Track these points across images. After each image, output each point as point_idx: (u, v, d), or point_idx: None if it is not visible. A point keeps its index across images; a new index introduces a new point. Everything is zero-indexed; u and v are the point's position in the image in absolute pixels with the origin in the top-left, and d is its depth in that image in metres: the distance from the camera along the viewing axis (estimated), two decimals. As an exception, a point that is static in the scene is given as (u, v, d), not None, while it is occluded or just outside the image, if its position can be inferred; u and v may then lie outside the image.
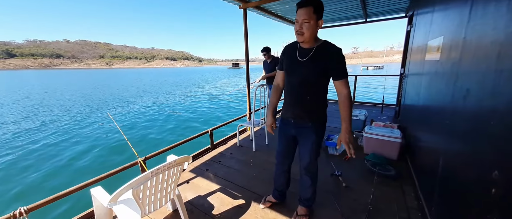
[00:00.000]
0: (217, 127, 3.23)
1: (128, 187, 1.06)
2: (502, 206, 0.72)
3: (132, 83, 27.90)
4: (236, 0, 3.36)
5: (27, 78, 42.23)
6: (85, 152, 5.31)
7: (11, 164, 4.71)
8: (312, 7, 1.18)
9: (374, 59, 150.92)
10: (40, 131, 7.10)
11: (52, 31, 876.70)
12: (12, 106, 11.61)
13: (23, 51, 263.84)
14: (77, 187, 1.60)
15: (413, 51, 3.01)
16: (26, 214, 1.40)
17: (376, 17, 5.17)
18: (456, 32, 1.31)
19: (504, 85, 0.77)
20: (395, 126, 3.05)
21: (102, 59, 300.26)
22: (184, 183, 2.17)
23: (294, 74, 1.39)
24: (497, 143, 0.77)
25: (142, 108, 10.72)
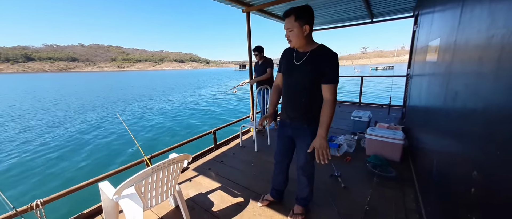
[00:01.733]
0: (221, 127, 3.32)
1: (131, 181, 1.15)
2: (480, 206, 0.75)
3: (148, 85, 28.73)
4: (239, 4, 3.45)
5: (50, 81, 44.41)
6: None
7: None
8: (293, 16, 1.27)
9: (384, 59, 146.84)
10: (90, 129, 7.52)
11: (68, 35, 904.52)
12: (55, 108, 12.26)
13: (41, 55, 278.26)
14: (88, 182, 1.73)
15: (417, 52, 2.98)
16: (42, 206, 1.53)
17: (382, 17, 5.11)
18: (450, 34, 1.32)
19: (482, 88, 0.80)
20: (399, 128, 3.01)
21: (114, 62, 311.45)
22: (187, 181, 2.26)
23: (290, 77, 1.45)
24: (476, 143, 0.80)
25: (158, 109, 11.06)
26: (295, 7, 1.28)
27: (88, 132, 7.28)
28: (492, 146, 0.69)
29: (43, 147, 5.96)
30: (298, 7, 1.27)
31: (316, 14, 4.60)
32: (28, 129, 7.90)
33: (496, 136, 0.67)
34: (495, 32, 0.75)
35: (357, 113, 3.58)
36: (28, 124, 8.67)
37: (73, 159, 5.17)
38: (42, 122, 8.85)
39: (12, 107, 12.56)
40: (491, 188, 0.68)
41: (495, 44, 0.73)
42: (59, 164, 4.92)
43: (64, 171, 4.55)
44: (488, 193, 0.70)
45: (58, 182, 4.10)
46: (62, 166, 4.81)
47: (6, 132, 7.47)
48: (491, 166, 0.69)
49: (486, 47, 0.80)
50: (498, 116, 0.67)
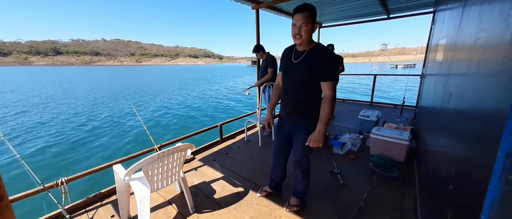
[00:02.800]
0: (227, 121, 3.45)
1: (139, 164, 1.30)
2: (455, 202, 0.78)
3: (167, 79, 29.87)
4: (248, 1, 3.51)
5: (79, 74, 47.72)
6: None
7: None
8: (308, 13, 1.29)
9: (406, 57, 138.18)
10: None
11: (92, 31, 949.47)
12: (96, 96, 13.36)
13: (68, 49, 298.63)
14: (105, 165, 1.95)
15: (431, 50, 2.85)
16: (66, 184, 1.76)
17: (399, 13, 4.88)
18: (454, 34, 1.30)
19: (467, 89, 0.81)
20: (408, 129, 2.93)
21: (132, 56, 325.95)
22: (193, 170, 2.42)
23: (288, 75, 1.51)
24: (456, 142, 0.82)
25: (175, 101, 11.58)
26: (309, 5, 1.30)
27: (107, 122, 7.85)
28: (464, 144, 0.71)
29: (70, 133, 6.56)
30: (311, 5, 1.30)
31: (329, 10, 4.53)
32: (59, 116, 8.68)
33: (467, 134, 0.70)
34: (480, 34, 0.76)
35: (365, 112, 3.52)
36: (61, 112, 9.51)
37: (94, 145, 5.66)
38: (70, 111, 9.66)
39: (56, 97, 13.84)
40: (463, 185, 0.72)
41: (479, 46, 0.75)
42: (81, 148, 5.42)
43: (86, 154, 5.02)
44: (461, 189, 0.73)
45: (80, 164, 4.55)
46: (84, 149, 5.30)
47: (46, 117, 8.29)
48: (463, 164, 0.72)
49: (472, 49, 0.82)
50: (473, 114, 0.70)
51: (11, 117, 8.70)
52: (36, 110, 9.84)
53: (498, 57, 0.55)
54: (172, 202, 1.87)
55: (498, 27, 0.59)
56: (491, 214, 0.50)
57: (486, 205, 0.50)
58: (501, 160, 0.47)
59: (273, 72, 3.21)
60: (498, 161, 0.47)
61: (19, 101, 12.25)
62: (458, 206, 0.73)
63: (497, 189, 0.48)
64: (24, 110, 9.84)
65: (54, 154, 5.11)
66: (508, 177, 0.46)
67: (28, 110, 9.83)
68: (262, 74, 3.40)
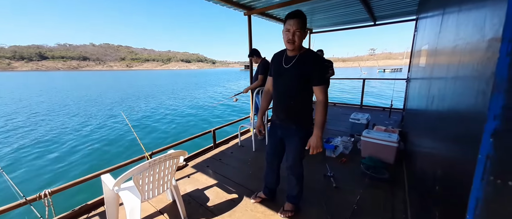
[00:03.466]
0: (220, 127, 3.42)
1: (129, 174, 1.26)
2: (441, 202, 0.81)
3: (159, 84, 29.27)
4: (240, 7, 3.55)
5: (67, 80, 45.76)
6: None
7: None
8: (302, 19, 1.33)
9: (393, 61, 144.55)
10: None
11: (80, 35, 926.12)
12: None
13: (54, 54, 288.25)
14: (92, 175, 1.86)
15: (415, 55, 2.99)
16: (50, 196, 1.67)
17: (385, 20, 5.11)
18: (434, 41, 1.38)
19: (447, 92, 0.86)
20: (396, 131, 3.03)
21: (123, 61, 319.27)
22: (185, 177, 2.37)
23: (279, 80, 1.53)
24: (440, 144, 0.86)
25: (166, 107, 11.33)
26: (301, 12, 1.35)
27: (95, 129, 7.56)
28: (448, 146, 0.75)
29: (52, 142, 6.25)
30: (303, 13, 1.35)
31: (318, 17, 4.67)
32: (42, 124, 8.27)
33: (450, 136, 0.73)
34: (458, 42, 0.81)
35: (355, 115, 3.61)
36: (43, 120, 9.07)
37: (80, 153, 5.41)
38: (55, 119, 9.24)
39: (41, 104, 13.17)
40: (448, 186, 0.75)
41: (457, 53, 0.80)
42: (66, 158, 5.16)
43: (70, 165, 4.79)
44: (446, 190, 0.76)
45: (65, 175, 4.32)
46: (69, 160, 5.05)
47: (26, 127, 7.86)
48: (447, 165, 0.75)
49: (451, 55, 0.87)
50: (453, 117, 0.73)
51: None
52: (18, 119, 9.33)
53: (475, 64, 0.59)
54: (163, 212, 1.82)
55: (474, 36, 0.63)
56: (476, 214, 0.52)
57: (470, 205, 0.53)
58: (482, 161, 0.50)
59: (263, 79, 3.17)
60: (479, 163, 0.50)
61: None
62: (445, 206, 0.76)
63: (480, 190, 0.51)
64: (6, 118, 9.31)
65: (37, 165, 4.84)
66: (490, 178, 0.49)
67: (10, 118, 9.32)
68: (255, 79, 3.37)
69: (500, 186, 0.48)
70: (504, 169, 0.47)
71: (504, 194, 0.48)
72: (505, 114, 0.46)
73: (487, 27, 0.53)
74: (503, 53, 0.45)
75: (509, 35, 0.44)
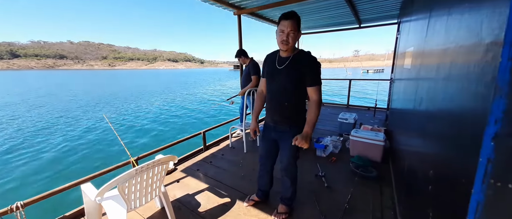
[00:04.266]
0: (210, 128, 3.34)
1: (113, 183, 1.16)
2: (435, 203, 0.82)
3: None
4: (230, 7, 3.49)
5: (42, 79, 42.36)
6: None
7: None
8: (296, 20, 1.31)
9: (376, 63, 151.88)
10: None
11: (56, 32, 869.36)
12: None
13: (27, 52, 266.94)
14: (70, 184, 1.71)
15: (398, 57, 3.12)
16: (23, 208, 1.50)
17: (369, 23, 5.31)
18: (420, 44, 1.43)
19: (437, 94, 0.88)
20: (382, 130, 3.14)
21: (105, 60, 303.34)
22: (174, 182, 2.27)
23: (273, 82, 1.50)
24: (431, 145, 0.88)
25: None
26: (296, 13, 1.32)
27: (74, 133, 7.07)
28: (441, 147, 0.76)
29: (27, 148, 5.75)
30: (298, 14, 1.33)
31: (306, 18, 4.73)
32: (13, 129, 7.58)
33: (444, 137, 0.74)
34: (449, 45, 0.83)
35: (343, 115, 3.69)
36: (14, 124, 8.31)
37: (58, 160, 5.02)
38: (26, 123, 8.51)
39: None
40: (443, 186, 0.76)
41: (448, 56, 0.82)
42: (42, 165, 4.76)
43: (47, 173, 4.41)
44: (441, 190, 0.78)
45: (40, 184, 3.98)
46: (45, 167, 4.66)
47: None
48: (443, 166, 0.77)
49: (441, 58, 0.89)
50: (446, 119, 0.75)
51: None
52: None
53: (470, 67, 0.60)
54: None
55: (468, 40, 0.64)
56: (477, 217, 0.52)
57: (471, 208, 0.53)
58: (483, 165, 0.50)
59: (257, 79, 3.17)
60: (480, 166, 0.50)
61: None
62: (440, 207, 0.77)
63: (481, 193, 0.51)
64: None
65: (7, 175, 4.40)
66: (490, 181, 0.50)
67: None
68: (245, 79, 3.35)
69: (501, 189, 0.48)
70: (504, 172, 0.48)
71: (504, 197, 0.48)
72: (506, 117, 0.46)
73: (485, 31, 0.54)
74: (504, 58, 0.45)
75: (510, 39, 0.45)
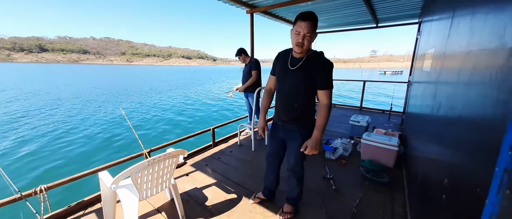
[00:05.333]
0: (220, 125, 3.40)
1: (127, 172, 1.23)
2: (448, 213, 0.79)
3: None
4: (243, 5, 3.51)
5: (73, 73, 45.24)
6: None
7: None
8: (314, 22, 1.26)
9: (394, 64, 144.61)
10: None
11: (80, 28, 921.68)
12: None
13: (54, 46, 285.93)
14: (89, 171, 1.83)
15: (418, 59, 2.97)
16: (46, 191, 1.64)
17: (387, 22, 5.08)
18: (442, 46, 1.35)
19: (458, 99, 0.83)
20: (396, 134, 3.02)
21: (123, 56, 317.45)
22: (184, 176, 2.35)
23: (284, 82, 1.49)
24: (448, 152, 0.83)
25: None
26: (314, 14, 1.27)
27: (93, 125, 7.51)
28: (458, 154, 0.73)
29: (51, 137, 6.20)
30: (315, 14, 1.27)
31: (321, 17, 4.63)
32: (39, 119, 8.21)
33: (461, 145, 0.71)
34: (472, 48, 0.78)
35: (356, 117, 3.59)
36: (49, 114, 8.99)
37: (78, 149, 5.37)
38: (58, 113, 9.17)
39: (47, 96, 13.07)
40: (457, 196, 0.73)
41: (471, 59, 0.77)
42: (64, 153, 5.12)
43: (68, 160, 4.74)
44: (455, 200, 0.74)
45: (61, 171, 4.29)
46: (67, 155, 5.01)
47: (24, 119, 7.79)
48: (458, 175, 0.73)
49: (464, 62, 0.84)
50: (465, 126, 0.71)
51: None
52: (17, 112, 9.25)
53: (493, 72, 0.56)
54: (161, 210, 1.79)
55: (491, 43, 0.60)
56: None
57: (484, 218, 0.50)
58: (499, 175, 0.47)
59: (257, 75, 3.23)
60: (496, 176, 0.48)
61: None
62: (452, 216, 0.74)
63: (496, 204, 0.49)
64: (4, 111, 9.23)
65: (33, 160, 4.79)
66: (506, 192, 0.47)
67: (7, 111, 9.23)
68: (246, 78, 3.32)
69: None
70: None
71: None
72: (527, 126, 0.43)
73: (508, 34, 0.51)
74: (529, 63, 0.43)
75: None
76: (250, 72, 3.25)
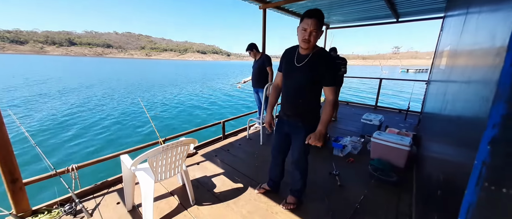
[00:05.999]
0: (230, 119, 3.51)
1: (144, 156, 1.38)
2: (441, 207, 0.81)
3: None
4: (256, 1, 3.54)
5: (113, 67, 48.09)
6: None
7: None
8: (320, 19, 1.29)
9: (419, 61, 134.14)
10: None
11: (105, 23, 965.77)
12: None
13: (82, 40, 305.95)
14: (113, 155, 2.04)
15: (437, 57, 2.82)
16: (76, 170, 1.86)
17: (409, 17, 4.81)
18: (455, 44, 1.31)
19: (459, 97, 0.83)
20: (410, 134, 2.92)
21: (142, 50, 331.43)
22: (195, 164, 2.50)
23: (290, 78, 1.54)
24: (445, 149, 0.85)
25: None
26: (320, 11, 1.29)
27: (116, 114, 8.08)
28: (451, 151, 0.74)
29: (82, 124, 6.80)
30: (321, 11, 1.30)
31: (336, 12, 4.51)
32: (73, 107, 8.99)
33: (453, 142, 0.72)
34: (474, 46, 0.78)
35: (368, 116, 3.51)
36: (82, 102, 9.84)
37: (103, 135, 5.86)
38: (84, 103, 9.97)
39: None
40: (448, 190, 0.75)
41: (472, 58, 0.77)
42: (91, 138, 5.62)
43: (94, 145, 5.22)
44: (446, 194, 0.76)
45: (89, 153, 4.75)
46: (94, 140, 5.50)
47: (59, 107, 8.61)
48: (449, 170, 0.75)
49: (467, 59, 0.84)
50: (458, 123, 0.72)
51: (28, 106, 9.07)
52: (53, 101, 10.18)
53: (484, 71, 0.58)
54: (174, 194, 1.96)
55: (486, 42, 0.61)
56: (468, 218, 0.53)
57: (462, 209, 0.54)
58: (477, 167, 0.50)
59: (272, 70, 3.26)
60: (475, 168, 0.51)
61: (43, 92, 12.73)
62: (443, 210, 0.76)
63: (474, 195, 0.52)
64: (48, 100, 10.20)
65: (66, 142, 5.33)
66: (484, 184, 0.50)
67: (48, 101, 10.19)
68: (258, 72, 3.29)
69: (494, 192, 0.49)
70: (500, 177, 0.48)
71: (497, 201, 0.49)
72: (505, 123, 0.46)
73: (498, 34, 0.52)
74: (507, 63, 0.45)
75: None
76: (260, 68, 3.27)
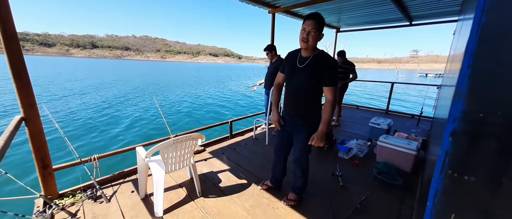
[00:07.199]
0: (237, 119, 3.64)
1: (157, 147, 1.53)
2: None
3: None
4: (265, 5, 3.66)
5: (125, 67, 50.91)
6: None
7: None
8: (318, 21, 1.41)
9: (439, 66, 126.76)
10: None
11: (124, 27, 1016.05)
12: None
13: (103, 43, 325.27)
14: (130, 147, 2.24)
15: (449, 60, 2.75)
16: (98, 160, 2.07)
17: (422, 20, 4.70)
18: (459, 47, 1.32)
19: (449, 103, 0.88)
20: (419, 139, 2.87)
21: (158, 53, 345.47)
22: (202, 160, 2.64)
23: (292, 79, 1.63)
24: (437, 151, 0.89)
25: (184, 98, 12.20)
26: (319, 14, 1.41)
27: (132, 111, 8.55)
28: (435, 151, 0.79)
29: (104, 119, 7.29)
30: (321, 15, 1.42)
31: (347, 16, 4.52)
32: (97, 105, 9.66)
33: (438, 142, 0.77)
34: (457, 51, 0.83)
35: (376, 120, 3.48)
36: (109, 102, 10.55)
37: (121, 131, 6.26)
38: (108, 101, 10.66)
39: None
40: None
41: (456, 62, 0.82)
42: (112, 133, 6.06)
43: (115, 137, 5.66)
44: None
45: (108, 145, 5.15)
46: (114, 133, 5.93)
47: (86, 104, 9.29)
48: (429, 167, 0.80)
49: (458, 64, 0.88)
50: (440, 124, 0.78)
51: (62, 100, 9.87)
52: (80, 99, 10.97)
53: (456, 75, 0.64)
54: (182, 186, 2.10)
55: (461, 49, 0.68)
56: (435, 202, 0.60)
57: (430, 194, 0.60)
58: (441, 157, 0.57)
59: None
60: (439, 158, 0.57)
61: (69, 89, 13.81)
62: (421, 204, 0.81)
63: (439, 181, 0.58)
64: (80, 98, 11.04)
65: (88, 135, 5.80)
66: (448, 171, 0.56)
67: (75, 98, 11.02)
68: (270, 76, 3.33)
69: (456, 179, 0.55)
70: (461, 165, 0.54)
71: (459, 186, 0.55)
72: (463, 117, 0.53)
73: (471, 41, 0.58)
74: (464, 66, 0.52)
75: (470, 49, 0.51)
76: (275, 71, 3.21)
